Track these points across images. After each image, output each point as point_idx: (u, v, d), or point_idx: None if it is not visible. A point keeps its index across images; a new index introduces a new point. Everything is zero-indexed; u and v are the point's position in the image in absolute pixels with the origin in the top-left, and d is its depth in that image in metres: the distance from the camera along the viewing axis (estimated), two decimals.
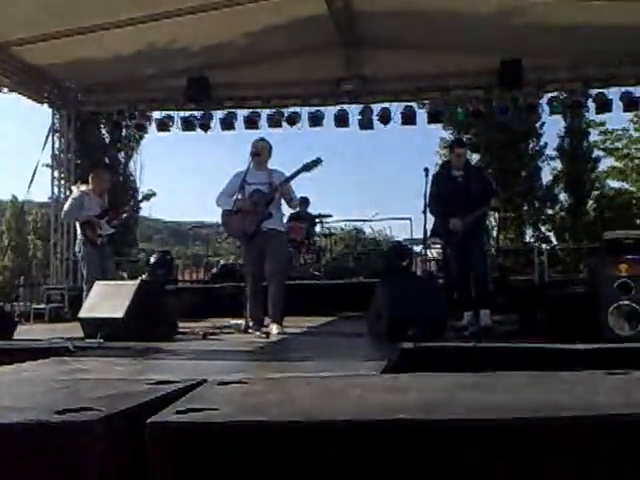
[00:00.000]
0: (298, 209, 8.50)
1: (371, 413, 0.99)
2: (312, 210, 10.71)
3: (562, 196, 17.00)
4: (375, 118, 10.82)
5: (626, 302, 4.36)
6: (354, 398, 1.15)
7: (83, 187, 7.06)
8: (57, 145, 11.36)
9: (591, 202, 16.83)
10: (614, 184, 18.45)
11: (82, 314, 5.22)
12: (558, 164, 17.01)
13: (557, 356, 2.23)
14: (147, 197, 7.18)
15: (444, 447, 0.92)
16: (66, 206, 7.09)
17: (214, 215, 6.33)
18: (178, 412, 1.00)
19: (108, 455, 0.97)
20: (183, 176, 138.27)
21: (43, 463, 0.93)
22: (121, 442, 1.00)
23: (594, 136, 17.63)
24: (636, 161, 18.55)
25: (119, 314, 4.88)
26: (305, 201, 10.35)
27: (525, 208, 16.54)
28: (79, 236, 6.87)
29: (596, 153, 17.53)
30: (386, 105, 10.78)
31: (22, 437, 0.94)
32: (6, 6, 7.81)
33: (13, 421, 0.96)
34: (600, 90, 10.41)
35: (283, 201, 5.72)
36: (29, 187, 10.63)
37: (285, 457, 0.92)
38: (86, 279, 6.78)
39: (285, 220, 8.06)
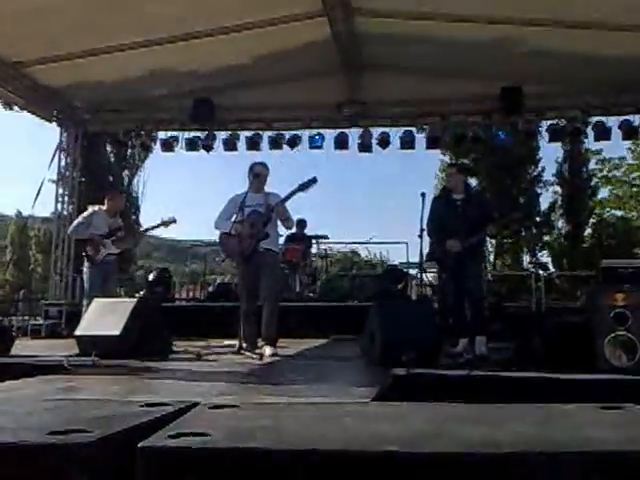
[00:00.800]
0: (295, 230, 8.53)
1: (360, 443, 0.99)
2: (309, 231, 10.78)
3: (560, 223, 17.08)
4: (374, 142, 10.93)
5: (622, 333, 4.27)
6: (344, 427, 1.15)
7: (96, 207, 7.23)
8: (63, 162, 11.49)
9: (589, 229, 16.89)
10: (612, 211, 18.61)
11: (79, 331, 5.25)
12: (557, 190, 17.12)
13: (552, 386, 2.18)
14: (166, 223, 7.27)
15: None
16: (74, 223, 7.36)
17: (212, 234, 6.40)
18: (169, 436, 0.99)
19: (100, 477, 0.97)
20: (182, 194, 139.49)
21: None
22: (112, 465, 1.00)
23: (593, 164, 17.80)
24: (634, 189, 18.71)
25: (115, 332, 4.92)
26: (302, 223, 10.40)
27: (522, 234, 16.56)
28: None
29: (595, 180, 17.64)
30: (385, 129, 10.90)
31: (15, 458, 0.94)
32: (22, 28, 8.02)
33: (7, 441, 0.96)
34: (599, 118, 10.47)
35: (279, 222, 5.78)
36: (34, 203, 10.74)
37: None
38: (86, 295, 6.92)
39: (282, 241, 8.11)
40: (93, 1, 7.56)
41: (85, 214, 7.26)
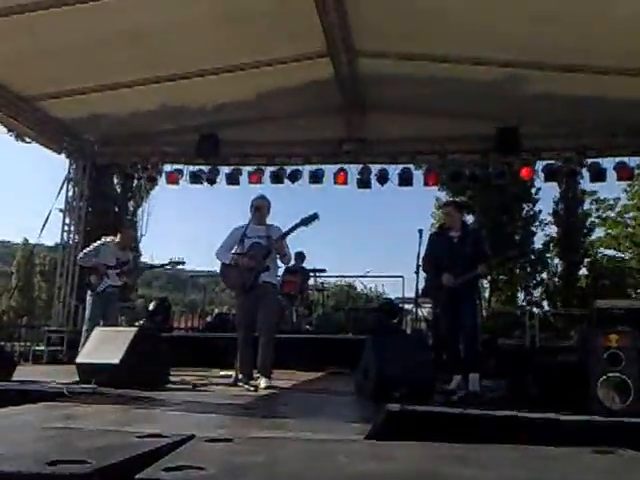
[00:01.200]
0: (293, 263, 8.63)
1: None
2: (307, 264, 10.88)
3: (555, 261, 17.14)
4: (373, 178, 11.06)
5: (616, 374, 4.22)
6: (338, 465, 1.16)
7: (109, 238, 7.48)
8: (71, 193, 11.70)
9: (584, 269, 16.97)
10: (607, 252, 18.78)
11: (79, 359, 5.32)
12: (552, 229, 17.24)
13: (545, 427, 2.12)
14: (175, 264, 7.54)
15: None
16: (84, 250, 7.63)
17: (211, 264, 6.53)
18: (166, 469, 1.01)
19: None
20: (183, 225, 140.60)
21: None
22: None
23: (587, 204, 17.98)
24: (629, 229, 18.88)
25: (115, 360, 4.97)
26: (301, 256, 10.52)
27: (517, 272, 16.58)
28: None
29: (590, 220, 17.81)
30: (384, 166, 11.04)
31: None
32: (34, 63, 8.32)
33: (7, 470, 0.98)
34: (595, 159, 10.59)
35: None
36: (41, 232, 10.87)
37: None
38: (87, 321, 7.14)
39: (281, 273, 8.20)
40: (103, 40, 7.80)
41: (96, 243, 7.52)
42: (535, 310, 11.23)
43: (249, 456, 1.19)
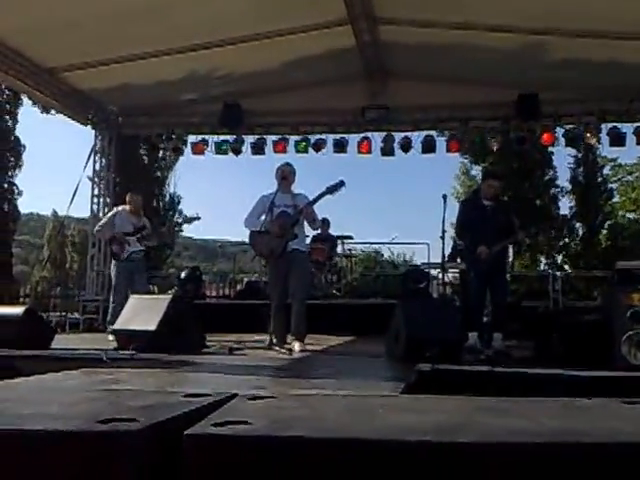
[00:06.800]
0: (320, 230, 8.75)
1: (395, 433, 1.01)
2: (333, 231, 11.02)
3: (576, 225, 17.12)
4: (396, 146, 11.09)
5: (638, 331, 4.39)
6: (378, 418, 1.17)
7: (120, 207, 7.59)
8: (98, 164, 11.82)
9: (605, 232, 16.87)
10: (628, 215, 18.67)
11: (116, 326, 5.53)
12: (572, 194, 17.13)
13: (573, 383, 2.18)
14: (190, 220, 7.67)
15: (467, 470, 0.94)
16: (99, 223, 7.80)
17: (240, 234, 6.66)
18: (214, 425, 1.01)
19: (147, 465, 1.00)
20: (211, 196, 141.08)
21: (84, 471, 0.95)
22: (158, 452, 1.02)
23: (607, 169, 17.86)
24: None
25: (151, 327, 5.14)
26: (326, 222, 10.63)
27: (540, 237, 16.53)
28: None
29: (609, 185, 17.70)
30: (407, 134, 11.07)
31: (66, 445, 0.97)
32: (58, 35, 8.39)
33: (58, 429, 0.99)
34: (614, 124, 10.53)
35: (306, 223, 6.01)
36: (70, 204, 11.03)
37: (315, 473, 0.95)
38: (113, 291, 7.32)
39: (308, 241, 8.34)
40: (126, 10, 7.81)
41: (109, 214, 7.68)
42: (558, 273, 11.28)
43: (293, 411, 1.21)
